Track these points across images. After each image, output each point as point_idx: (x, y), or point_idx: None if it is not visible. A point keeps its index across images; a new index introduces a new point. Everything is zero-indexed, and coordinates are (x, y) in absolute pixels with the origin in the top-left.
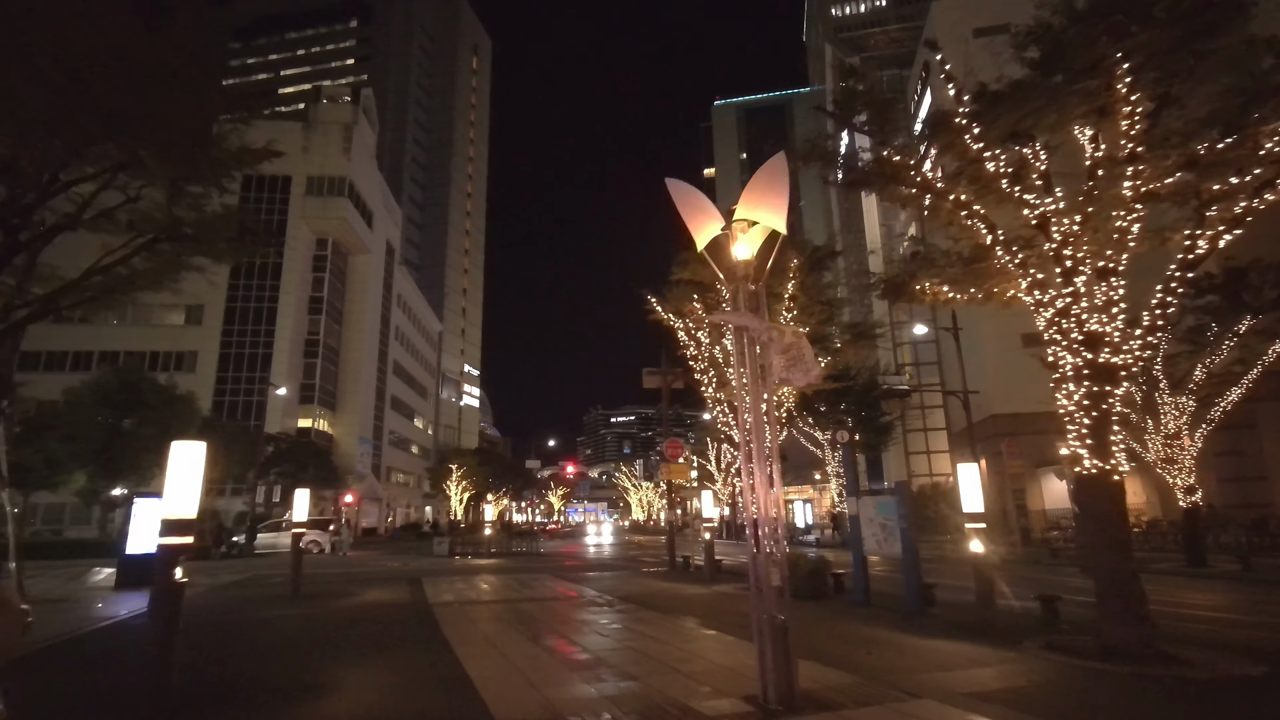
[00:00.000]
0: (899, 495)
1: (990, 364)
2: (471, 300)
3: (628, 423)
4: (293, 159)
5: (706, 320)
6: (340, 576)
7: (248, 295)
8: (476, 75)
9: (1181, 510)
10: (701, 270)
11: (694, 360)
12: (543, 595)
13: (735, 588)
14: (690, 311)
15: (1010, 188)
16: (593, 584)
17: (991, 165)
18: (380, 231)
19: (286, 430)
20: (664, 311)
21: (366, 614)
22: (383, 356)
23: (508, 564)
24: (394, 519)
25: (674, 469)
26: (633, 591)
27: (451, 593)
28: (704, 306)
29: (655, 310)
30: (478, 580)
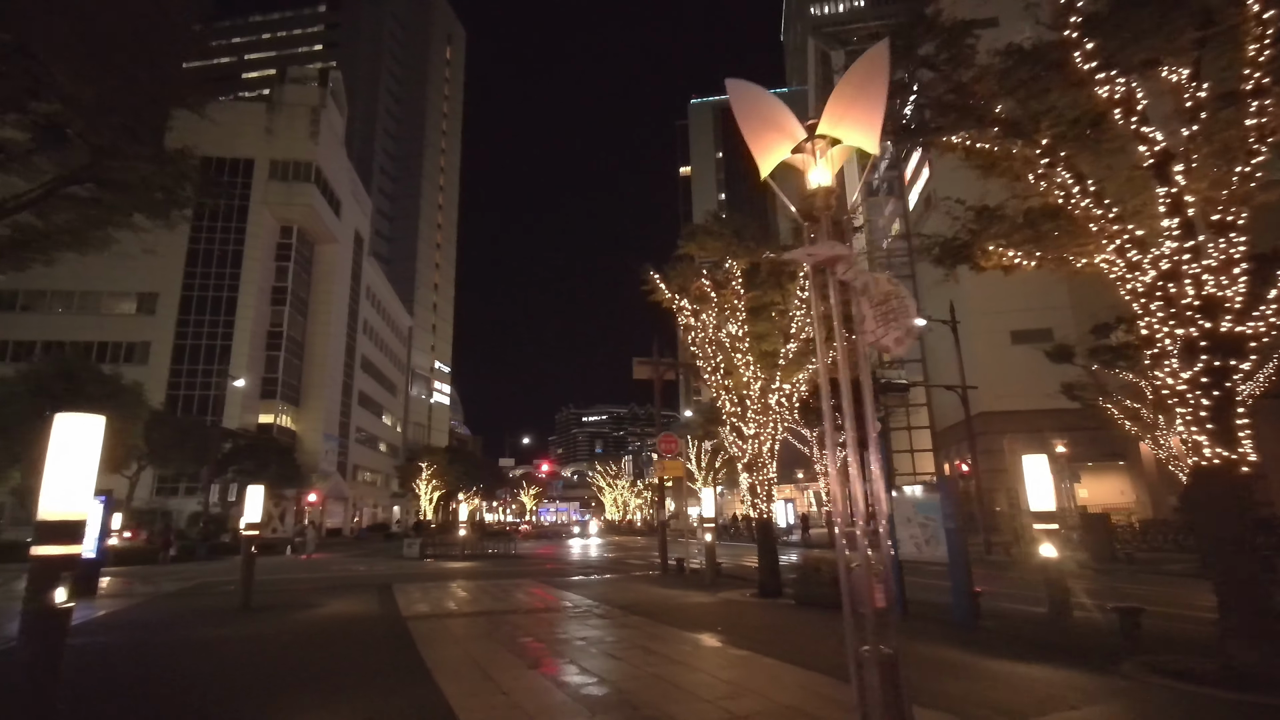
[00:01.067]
0: (943, 491)
1: (980, 361)
2: (443, 295)
3: (600, 422)
4: (255, 141)
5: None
6: (301, 583)
7: (205, 283)
8: (450, 65)
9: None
10: (710, 243)
11: (700, 345)
12: (531, 605)
13: (743, 594)
14: (697, 289)
15: (1125, 119)
16: (582, 590)
17: (1105, 90)
18: (349, 220)
19: (246, 426)
20: (666, 290)
21: (328, 632)
22: (350, 351)
23: (484, 567)
24: (360, 519)
25: (668, 465)
26: (631, 599)
27: (427, 602)
28: (713, 283)
29: (655, 289)
30: (454, 587)
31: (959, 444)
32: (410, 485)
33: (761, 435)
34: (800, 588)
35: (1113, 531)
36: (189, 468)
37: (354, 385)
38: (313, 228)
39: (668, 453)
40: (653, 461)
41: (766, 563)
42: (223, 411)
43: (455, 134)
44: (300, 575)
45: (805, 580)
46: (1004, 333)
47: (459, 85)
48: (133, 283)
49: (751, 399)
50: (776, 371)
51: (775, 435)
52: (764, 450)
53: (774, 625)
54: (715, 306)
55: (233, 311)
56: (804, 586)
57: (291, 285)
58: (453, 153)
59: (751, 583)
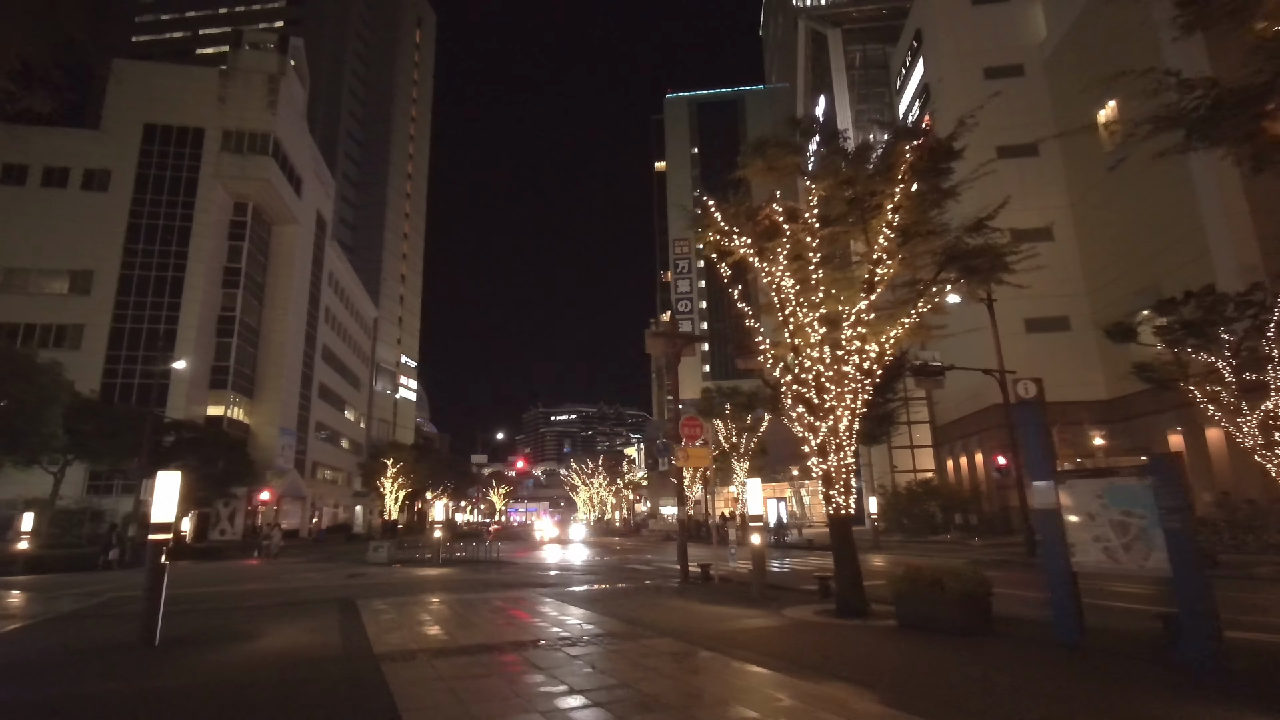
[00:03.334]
0: (1161, 475)
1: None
2: (410, 287)
3: (568, 422)
4: (206, 109)
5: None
6: (243, 598)
7: (148, 261)
8: (419, 50)
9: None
10: (783, 158)
11: (772, 289)
12: (548, 634)
13: (811, 611)
14: (765, 219)
15: None
16: (599, 607)
17: None
18: (310, 200)
19: (193, 419)
20: (713, 233)
21: (258, 694)
22: (310, 340)
23: (465, 575)
24: (319, 519)
25: (692, 454)
26: (676, 624)
27: (405, 629)
28: (785, 213)
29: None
30: (435, 603)
31: (966, 439)
32: (374, 484)
33: (839, 409)
34: (906, 605)
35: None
36: (125, 463)
37: (314, 377)
38: (270, 205)
39: (691, 439)
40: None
41: (847, 572)
42: (166, 402)
43: (424, 121)
44: (245, 586)
45: (913, 596)
46: (1017, 320)
47: (428, 71)
48: (64, 259)
49: (825, 362)
50: (854, 330)
51: (855, 410)
52: (842, 429)
53: (917, 667)
54: (785, 245)
55: (179, 293)
56: (912, 604)
57: (246, 267)
58: (421, 140)
59: (800, 594)
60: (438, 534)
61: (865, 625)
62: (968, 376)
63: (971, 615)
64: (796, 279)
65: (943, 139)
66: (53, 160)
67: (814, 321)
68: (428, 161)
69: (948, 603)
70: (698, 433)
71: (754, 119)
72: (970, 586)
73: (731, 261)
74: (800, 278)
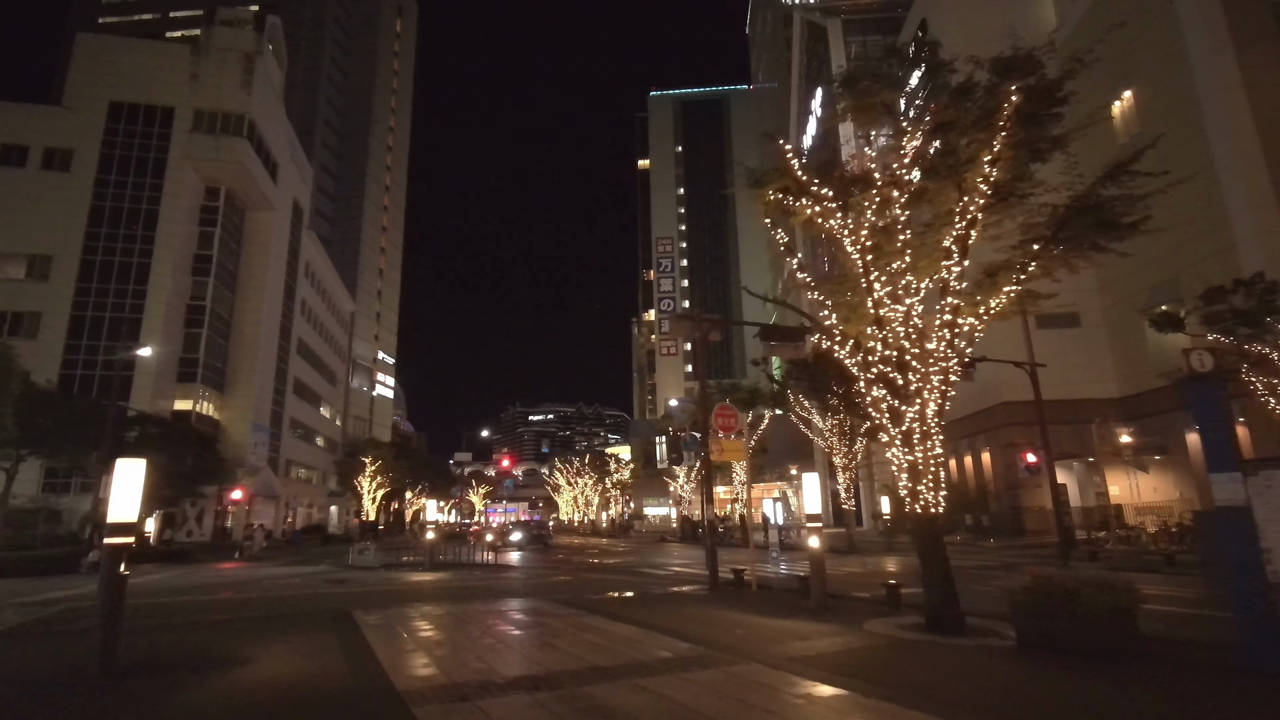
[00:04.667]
0: None
1: (1000, 348)
2: (388, 282)
3: (547, 421)
4: (177, 87)
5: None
6: (218, 609)
7: (111, 246)
8: (400, 39)
9: None
10: (881, 93)
11: (855, 251)
12: (613, 659)
13: (892, 626)
14: (858, 166)
15: None
16: (640, 620)
17: None
18: (287, 187)
19: (160, 412)
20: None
21: None
22: (285, 333)
23: (464, 581)
24: (294, 519)
25: (727, 446)
26: (745, 642)
27: (424, 651)
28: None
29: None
30: (444, 615)
31: (971, 437)
32: (351, 483)
33: (926, 392)
34: (1030, 621)
35: None
36: (85, 460)
37: (289, 371)
38: (244, 190)
39: (726, 429)
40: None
41: (939, 581)
42: (130, 395)
43: (405, 113)
44: (220, 594)
45: (1040, 609)
46: (1029, 317)
47: (409, 62)
48: (20, 242)
49: (911, 338)
50: (945, 300)
51: (945, 393)
52: (929, 414)
53: (1082, 706)
54: (875, 199)
55: (144, 280)
56: (1038, 620)
57: (217, 254)
58: (401, 132)
59: (862, 603)
60: (430, 535)
61: (976, 645)
62: (980, 372)
63: (1117, 633)
64: (881, 240)
65: (1055, 78)
66: (10, 137)
67: (899, 290)
68: (407, 154)
69: (1087, 618)
70: (732, 423)
71: (738, 118)
72: (1118, 599)
73: (796, 223)
74: (885, 239)
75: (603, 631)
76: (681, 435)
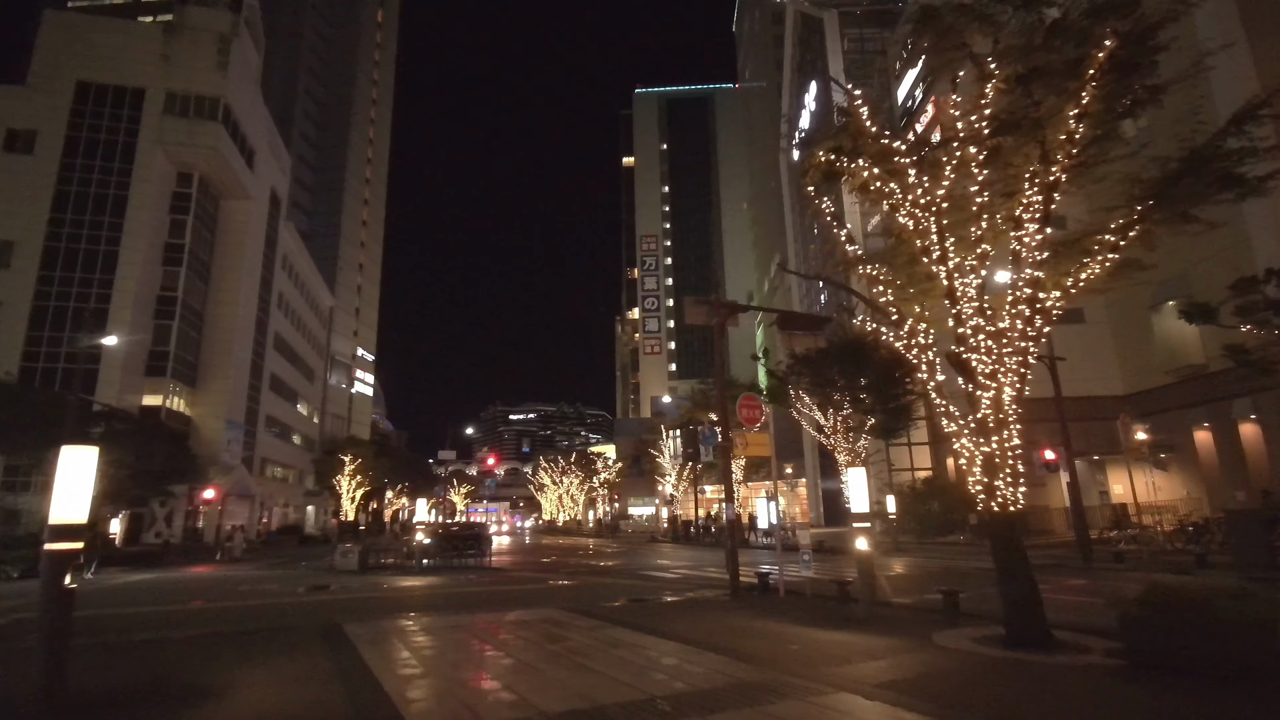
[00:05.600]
0: None
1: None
2: (368, 277)
3: (528, 421)
4: (148, 68)
5: None
6: (186, 621)
7: (77, 233)
8: (381, 30)
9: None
10: (963, 27)
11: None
12: (663, 687)
13: (962, 639)
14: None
15: None
16: (674, 633)
17: None
18: (264, 175)
19: (127, 407)
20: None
21: None
22: (261, 327)
23: (461, 586)
24: (269, 520)
25: (752, 440)
26: (808, 662)
27: (436, 677)
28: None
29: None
30: (448, 629)
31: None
32: (329, 482)
33: (1001, 376)
34: (1148, 637)
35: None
36: (48, 457)
37: (265, 366)
38: (219, 177)
39: (750, 421)
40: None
41: (1021, 589)
42: (95, 388)
43: (386, 106)
44: (190, 604)
45: (1161, 623)
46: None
47: (390, 54)
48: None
49: (986, 315)
50: (1025, 272)
51: (1024, 376)
52: (1006, 401)
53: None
54: (954, 156)
55: (112, 269)
56: (1158, 635)
57: (190, 243)
58: (382, 125)
59: (912, 611)
60: (420, 537)
61: (1080, 665)
62: None
63: (1255, 650)
64: (957, 204)
65: (1155, 21)
66: None
67: (973, 261)
68: (388, 148)
69: (1220, 634)
70: (757, 415)
71: (724, 117)
72: (1259, 610)
73: (851, 188)
74: (962, 203)
75: (637, 648)
76: (700, 428)
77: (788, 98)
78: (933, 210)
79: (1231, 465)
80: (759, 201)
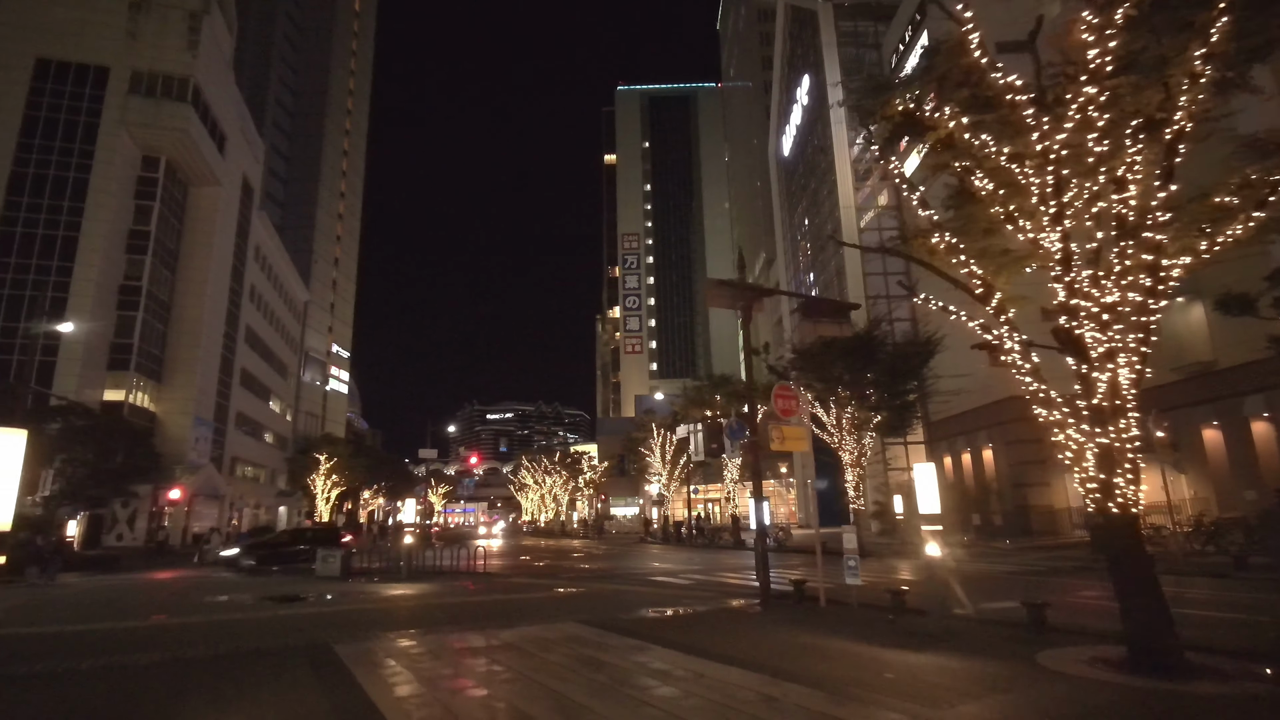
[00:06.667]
0: None
1: None
2: (344, 272)
3: (505, 420)
4: (112, 44)
5: None
6: (145, 642)
7: (34, 217)
8: (359, 19)
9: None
10: None
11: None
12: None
13: (1090, 663)
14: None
15: None
16: (726, 655)
17: None
18: (235, 161)
19: (87, 402)
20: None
21: None
22: (232, 320)
23: (455, 595)
24: (239, 521)
25: (788, 433)
26: (914, 698)
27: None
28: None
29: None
30: (460, 650)
31: (970, 434)
32: (303, 482)
33: (1119, 355)
34: None
35: None
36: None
37: (235, 361)
38: (188, 162)
39: (785, 413)
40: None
41: (1148, 604)
42: (53, 382)
43: (363, 97)
44: (150, 619)
45: None
46: (1033, 309)
47: (368, 44)
48: None
49: (1102, 284)
50: (1146, 235)
51: (1146, 355)
52: (1123, 384)
53: None
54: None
55: (71, 256)
56: None
57: (156, 230)
58: (360, 116)
59: (979, 625)
60: (408, 539)
61: (1233, 694)
62: (969, 366)
63: None
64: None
65: None
66: None
67: (1087, 222)
68: (365, 139)
69: None
70: (793, 406)
71: (706, 116)
72: None
73: (932, 140)
74: (1080, 152)
75: (700, 677)
76: (728, 421)
77: (778, 93)
78: (1051, 159)
79: (1242, 464)
80: (742, 200)
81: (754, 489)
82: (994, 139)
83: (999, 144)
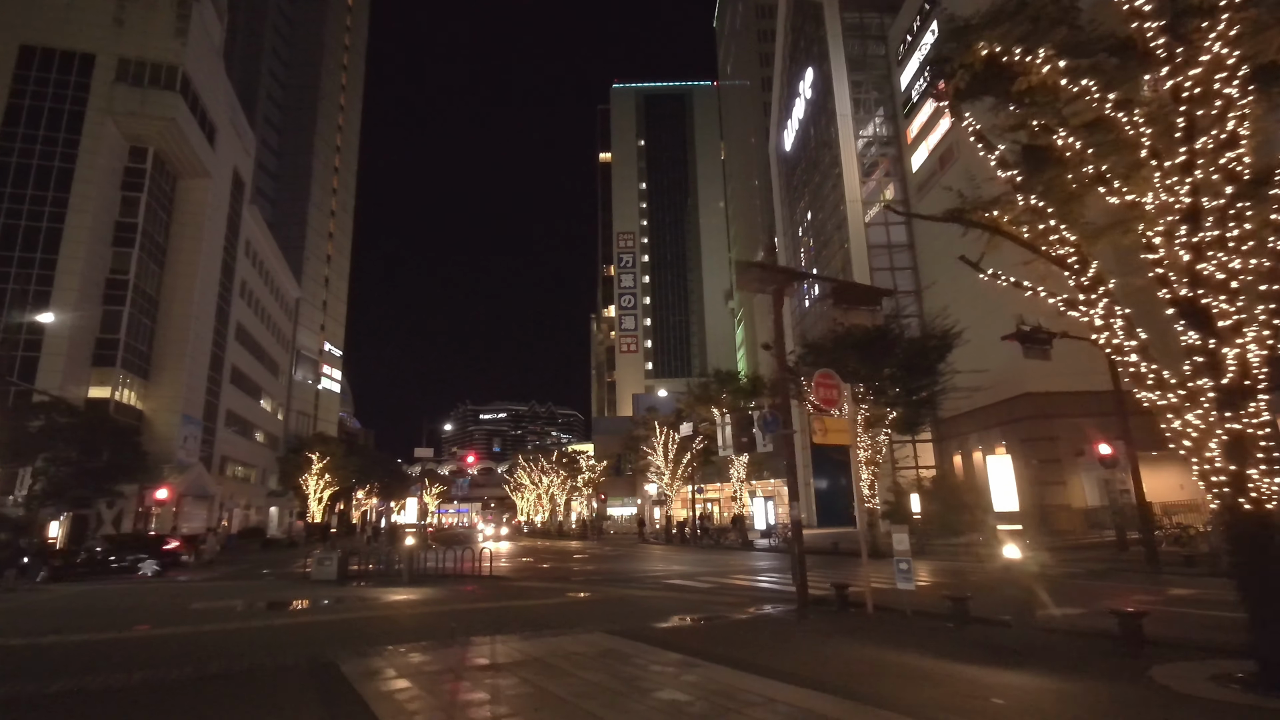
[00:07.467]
0: None
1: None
2: (336, 270)
3: (499, 420)
4: (99, 31)
5: None
6: (125, 659)
7: (16, 208)
8: (352, 13)
9: None
10: None
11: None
12: None
13: (1221, 683)
14: None
15: None
16: (785, 672)
17: None
18: (226, 154)
19: (71, 398)
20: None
21: None
22: (222, 316)
23: (461, 601)
24: (229, 522)
25: (831, 426)
26: (974, 711)
27: None
28: None
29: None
30: (495, 669)
31: (982, 431)
32: (294, 482)
33: (1251, 328)
34: None
35: None
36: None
37: (226, 358)
38: (176, 153)
39: (827, 404)
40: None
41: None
42: (35, 378)
43: (356, 92)
44: (134, 630)
45: None
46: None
47: (361, 39)
48: None
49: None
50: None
51: (1277, 328)
52: (1253, 361)
53: None
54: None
55: (55, 248)
56: None
57: (143, 223)
58: (352, 112)
59: (1065, 638)
60: (410, 541)
61: None
62: (981, 362)
63: None
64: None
65: None
66: None
67: (1216, 177)
68: (358, 135)
69: None
70: (835, 396)
71: (702, 114)
72: None
73: (1021, 87)
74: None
75: (769, 701)
76: (761, 413)
77: (779, 87)
78: (1183, 98)
79: None
80: (738, 198)
81: (789, 485)
82: (1099, 85)
83: (1104, 91)
